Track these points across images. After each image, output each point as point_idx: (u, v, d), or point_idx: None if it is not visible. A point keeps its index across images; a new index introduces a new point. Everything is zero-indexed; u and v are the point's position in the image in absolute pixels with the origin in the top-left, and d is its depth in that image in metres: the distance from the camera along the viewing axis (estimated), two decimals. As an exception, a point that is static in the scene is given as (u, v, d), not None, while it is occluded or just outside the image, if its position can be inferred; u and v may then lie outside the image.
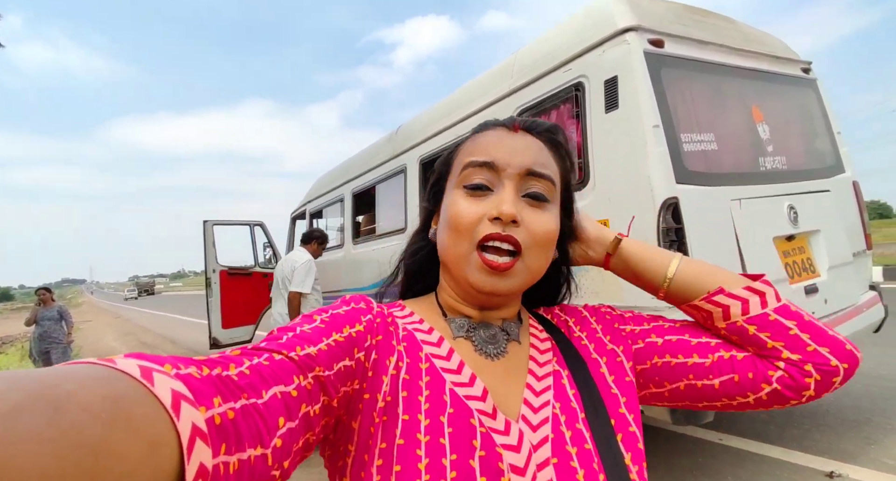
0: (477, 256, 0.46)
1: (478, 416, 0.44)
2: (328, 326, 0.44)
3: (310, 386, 0.38)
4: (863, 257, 2.73)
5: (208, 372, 0.32)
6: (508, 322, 0.54)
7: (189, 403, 0.27)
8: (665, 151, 1.90)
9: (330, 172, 5.04)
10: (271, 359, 0.37)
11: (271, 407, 0.33)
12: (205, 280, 5.17)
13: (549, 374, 0.51)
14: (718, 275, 0.53)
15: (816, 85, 2.87)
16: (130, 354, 0.29)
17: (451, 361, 0.48)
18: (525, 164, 0.48)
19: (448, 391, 0.45)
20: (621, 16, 2.05)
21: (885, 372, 3.41)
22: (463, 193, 0.49)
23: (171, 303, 28.97)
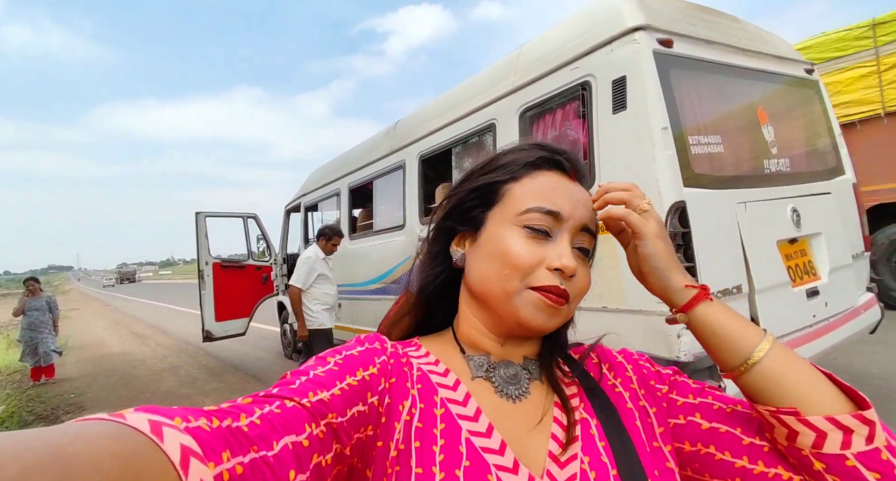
0: (531, 292, 0.46)
1: (495, 472, 0.41)
2: (341, 369, 0.43)
3: (322, 434, 0.37)
4: (861, 259, 2.75)
5: (218, 424, 0.32)
6: (529, 360, 0.51)
7: (198, 459, 0.28)
8: (673, 154, 1.88)
9: (326, 165, 4.97)
10: (283, 406, 0.36)
11: (282, 459, 0.33)
12: (197, 272, 5.10)
13: (576, 423, 0.47)
14: (805, 385, 0.42)
15: (819, 86, 2.86)
16: (141, 408, 0.29)
17: (467, 407, 0.45)
18: (583, 220, 0.49)
19: (464, 441, 0.43)
20: (630, 14, 2.01)
21: (876, 371, 3.46)
22: (522, 232, 0.48)
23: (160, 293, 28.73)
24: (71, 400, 5.05)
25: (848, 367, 3.57)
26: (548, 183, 0.49)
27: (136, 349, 8.14)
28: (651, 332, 1.92)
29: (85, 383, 5.77)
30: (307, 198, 5.15)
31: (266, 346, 6.93)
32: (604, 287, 2.07)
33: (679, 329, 1.85)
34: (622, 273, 2.00)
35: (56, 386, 5.76)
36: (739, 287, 2.00)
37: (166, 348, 7.89)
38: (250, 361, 6.10)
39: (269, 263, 5.54)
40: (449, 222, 0.54)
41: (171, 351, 7.58)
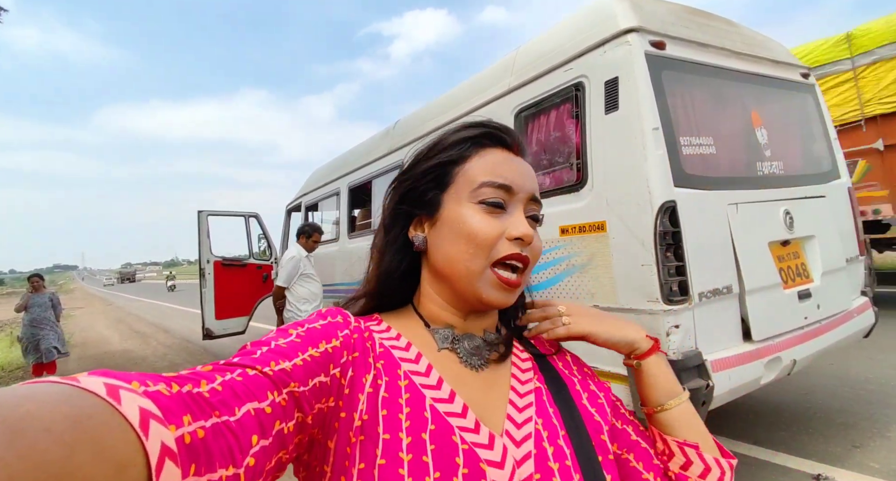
0: (492, 274, 0.49)
1: (459, 433, 0.44)
2: (304, 341, 0.43)
3: (284, 402, 0.37)
4: (856, 263, 2.76)
5: (178, 390, 0.31)
6: (489, 333, 0.55)
7: (158, 422, 0.27)
8: (664, 154, 1.90)
9: (326, 165, 5.01)
10: (244, 374, 0.36)
11: (244, 424, 0.33)
12: (199, 270, 5.14)
13: (530, 391, 0.52)
14: (702, 433, 0.56)
15: (815, 90, 2.88)
16: (95, 372, 0.28)
17: (430, 377, 0.48)
18: (531, 191, 0.53)
19: (428, 407, 0.45)
20: (623, 16, 2.04)
21: (871, 376, 3.46)
22: (479, 208, 0.50)
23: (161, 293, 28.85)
24: (71, 395, 5.09)
25: (843, 373, 3.56)
26: (495, 159, 0.52)
27: (137, 347, 8.19)
28: (641, 330, 1.93)
29: (85, 379, 5.80)
30: (308, 197, 5.20)
31: (266, 345, 6.96)
32: (595, 285, 2.09)
33: (669, 327, 1.86)
34: (613, 272, 2.02)
35: (57, 382, 5.80)
36: (730, 287, 2.02)
37: (167, 347, 7.94)
38: (249, 360, 6.13)
39: (270, 262, 5.59)
40: (404, 206, 0.55)
41: (172, 349, 7.63)
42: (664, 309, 1.84)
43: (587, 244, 2.10)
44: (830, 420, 2.81)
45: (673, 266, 1.87)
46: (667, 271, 1.86)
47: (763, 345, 2.05)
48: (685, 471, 0.54)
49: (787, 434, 2.67)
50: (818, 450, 2.44)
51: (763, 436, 2.65)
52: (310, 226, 3.68)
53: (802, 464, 2.32)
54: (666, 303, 1.84)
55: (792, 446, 2.51)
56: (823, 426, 2.74)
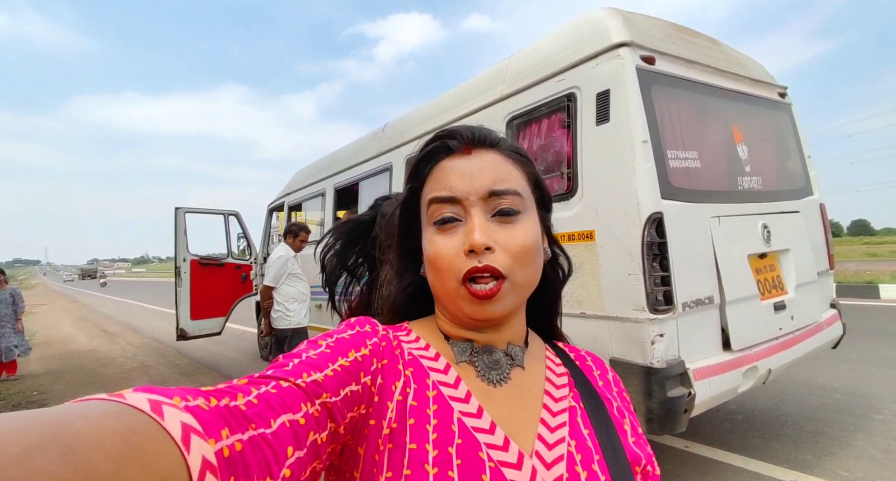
0: (464, 289, 0.46)
1: (486, 450, 0.43)
2: (334, 351, 0.43)
3: (317, 413, 0.37)
4: (826, 276, 2.87)
5: (216, 403, 0.32)
6: (513, 346, 0.52)
7: (199, 436, 0.28)
8: (652, 167, 1.95)
9: (311, 165, 4.95)
10: (279, 386, 0.37)
11: (280, 436, 0.33)
12: (174, 269, 5.00)
13: (564, 410, 0.49)
14: None
15: (791, 109, 3.00)
16: (139, 388, 0.30)
17: (458, 390, 0.47)
18: (485, 187, 0.47)
19: (456, 420, 0.44)
20: (616, 31, 2.09)
21: (838, 385, 3.60)
22: (434, 230, 0.48)
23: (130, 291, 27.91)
24: (33, 397, 4.86)
25: (811, 381, 3.70)
26: (443, 171, 0.49)
27: (104, 347, 7.88)
28: (627, 338, 1.97)
29: (49, 380, 5.56)
30: (291, 197, 5.12)
31: (242, 347, 6.80)
32: (582, 293, 2.12)
33: (654, 336, 1.90)
34: (601, 280, 2.05)
35: (18, 382, 5.53)
36: (711, 297, 2.07)
37: (137, 347, 7.66)
38: (225, 362, 5.98)
39: (249, 262, 5.47)
40: (401, 241, 0.56)
41: (142, 349, 7.37)
42: (650, 317, 1.88)
43: (576, 252, 2.13)
44: (800, 427, 2.91)
45: (659, 276, 1.91)
46: (653, 281, 1.90)
47: (741, 354, 2.12)
48: None
49: (760, 441, 2.75)
50: (790, 457, 2.52)
51: (738, 443, 2.73)
52: (297, 226, 3.63)
53: (774, 471, 2.39)
54: (651, 312, 1.88)
55: (765, 452, 2.59)
56: (794, 433, 2.83)
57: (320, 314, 4.39)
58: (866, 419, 2.96)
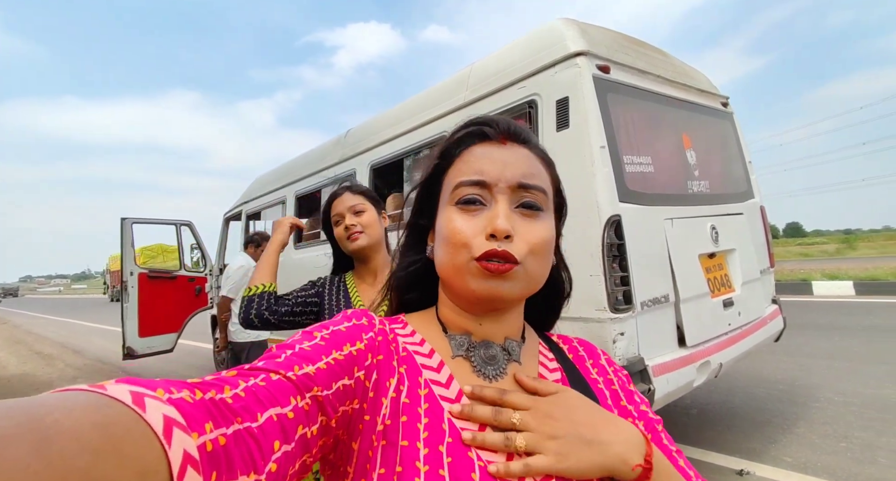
0: (475, 264, 0.46)
1: (475, 449, 0.43)
2: (328, 344, 0.43)
3: (307, 406, 0.37)
4: (767, 274, 3.07)
5: (201, 396, 0.31)
6: (511, 340, 0.52)
7: (181, 429, 0.27)
8: (610, 171, 2.02)
9: (271, 173, 4.81)
10: (268, 379, 0.36)
11: (266, 430, 0.33)
12: (120, 283, 4.70)
13: None
14: None
15: (733, 118, 3.21)
16: (122, 379, 0.29)
17: (449, 390, 0.47)
18: (516, 178, 0.48)
19: (446, 419, 0.44)
20: (573, 40, 2.17)
21: (781, 377, 3.84)
22: (456, 210, 0.49)
23: (62, 308, 25.94)
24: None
25: (757, 373, 3.93)
26: (474, 156, 0.50)
27: (39, 370, 7.26)
28: (590, 337, 2.01)
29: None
30: (249, 205, 4.95)
31: (197, 364, 6.45)
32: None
33: (615, 334, 1.96)
34: (563, 282, 2.10)
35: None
36: (667, 296, 2.17)
37: (77, 369, 7.11)
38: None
39: (204, 274, 5.22)
40: (414, 219, 0.56)
41: (84, 371, 6.84)
42: (611, 317, 1.94)
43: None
44: (750, 418, 3.08)
45: (618, 276, 1.98)
46: (613, 281, 1.96)
47: (695, 350, 2.22)
48: None
49: (714, 432, 2.89)
50: (741, 447, 2.66)
51: (694, 437, 2.85)
52: (259, 236, 3.50)
53: (728, 461, 2.51)
54: (612, 312, 1.94)
55: (719, 444, 2.72)
56: (744, 424, 2.99)
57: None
58: (806, 407, 3.17)
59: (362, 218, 1.30)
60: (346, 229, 1.29)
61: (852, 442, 2.60)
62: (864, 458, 2.41)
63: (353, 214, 1.30)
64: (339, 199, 1.33)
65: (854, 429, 2.75)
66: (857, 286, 8.40)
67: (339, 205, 1.32)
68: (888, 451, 2.45)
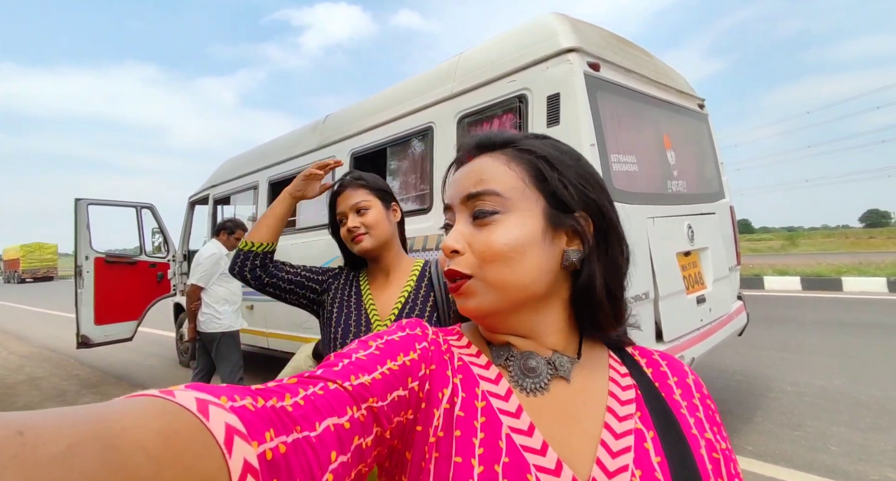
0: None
1: (535, 472, 0.39)
2: (383, 353, 0.43)
3: (363, 417, 0.37)
4: (734, 271, 3.21)
5: (263, 404, 0.32)
6: (559, 354, 0.47)
7: (242, 438, 0.28)
8: (598, 170, 2.04)
9: (241, 156, 4.61)
10: (326, 388, 0.37)
11: (324, 440, 0.33)
12: (74, 268, 4.41)
13: (629, 432, 0.43)
14: None
15: (708, 119, 3.31)
16: (191, 385, 0.29)
17: (509, 403, 0.43)
18: (464, 191, 0.47)
19: (504, 437, 0.41)
20: (565, 36, 2.15)
21: (739, 368, 4.06)
22: None
23: (8, 292, 24.30)
24: None
25: (717, 365, 4.14)
26: (448, 182, 0.53)
27: (-20, 358, 6.77)
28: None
29: None
30: (217, 190, 4.73)
31: (158, 353, 6.18)
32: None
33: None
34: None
35: None
36: (647, 293, 2.23)
37: (23, 357, 6.67)
38: (138, 370, 5.40)
39: (167, 260, 4.98)
40: None
41: (31, 360, 6.43)
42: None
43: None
44: (712, 408, 3.24)
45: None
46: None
47: (672, 345, 2.30)
48: None
49: (681, 422, 3.02)
50: (705, 435, 2.79)
51: (662, 426, 2.97)
52: (233, 222, 3.34)
53: (694, 449, 2.63)
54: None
55: (685, 433, 2.85)
56: (707, 413, 3.14)
57: (251, 315, 4.11)
58: (763, 397, 3.36)
59: (366, 217, 1.18)
60: (349, 231, 1.17)
61: (806, 431, 2.78)
62: (817, 447, 2.58)
63: (355, 214, 1.18)
64: (341, 197, 1.21)
65: (807, 419, 2.94)
66: (803, 281, 8.98)
67: (341, 203, 1.21)
68: (839, 440, 2.64)
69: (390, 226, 1.21)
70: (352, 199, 1.18)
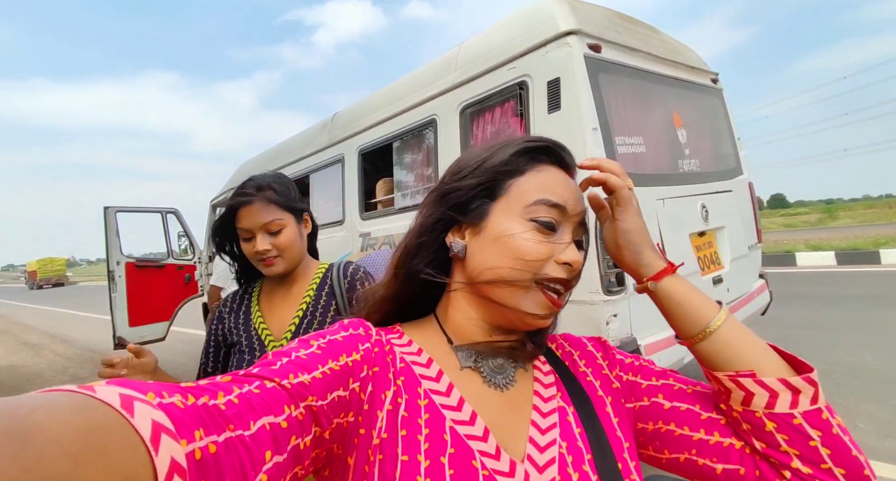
0: (540, 291, 0.47)
1: (479, 458, 0.42)
2: (324, 353, 0.42)
3: (301, 416, 0.36)
4: (755, 249, 3.13)
5: (193, 401, 0.30)
6: (514, 349, 0.52)
7: (170, 436, 0.27)
8: (602, 153, 2.01)
9: (256, 158, 4.72)
10: (262, 386, 0.36)
11: (258, 439, 0.32)
12: (107, 274, 4.63)
13: (554, 410, 0.49)
14: (758, 351, 0.47)
15: (722, 94, 3.19)
16: (113, 381, 0.28)
17: (450, 397, 0.46)
18: (582, 215, 0.51)
19: (448, 429, 0.44)
20: (563, 19, 2.11)
21: (766, 347, 3.97)
22: (533, 227, 0.48)
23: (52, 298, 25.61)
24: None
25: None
26: (552, 177, 0.51)
27: (28, 361, 7.20)
28: (584, 320, 2.05)
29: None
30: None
31: (189, 351, 6.45)
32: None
33: (608, 316, 1.99)
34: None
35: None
36: (659, 276, 2.20)
37: (67, 358, 7.06)
38: (171, 368, 5.63)
39: (193, 262, 5.16)
40: (450, 213, 0.53)
41: (74, 361, 6.81)
42: (604, 299, 1.97)
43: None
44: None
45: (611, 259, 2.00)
46: (606, 264, 1.98)
47: (686, 327, 2.27)
48: (748, 407, 0.45)
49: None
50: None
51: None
52: None
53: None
54: (606, 294, 1.97)
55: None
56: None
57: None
58: (790, 376, 3.29)
59: (279, 238, 1.01)
60: (257, 253, 1.02)
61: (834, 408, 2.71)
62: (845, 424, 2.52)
63: (266, 234, 1.01)
64: (246, 209, 1.01)
65: (835, 397, 2.86)
66: (838, 256, 8.62)
67: (247, 217, 1.01)
68: (868, 417, 2.57)
69: (303, 242, 1.08)
70: (261, 216, 1.01)
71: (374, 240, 3.00)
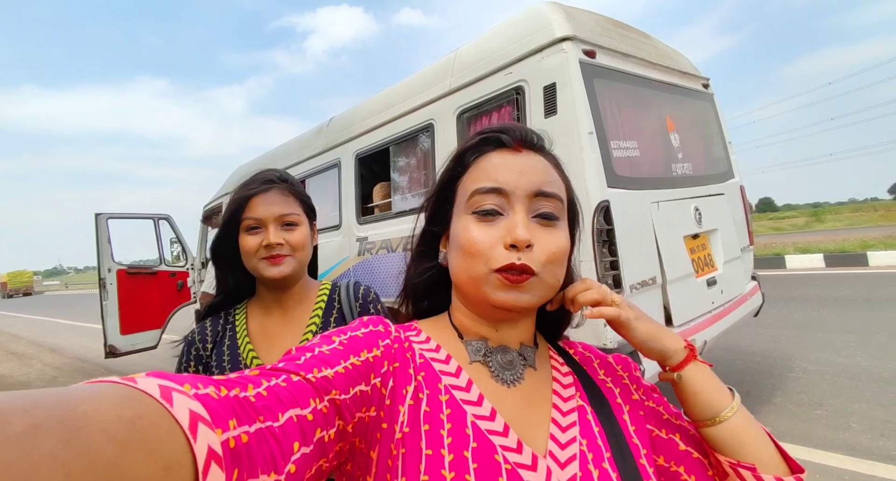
0: (495, 275, 0.46)
1: (501, 452, 0.43)
2: (346, 349, 0.43)
3: (325, 409, 0.37)
4: (747, 251, 3.17)
5: (226, 393, 0.32)
6: (525, 346, 0.53)
7: (206, 425, 0.28)
8: (598, 157, 2.04)
9: (251, 163, 4.70)
10: (289, 380, 0.37)
11: (287, 431, 0.33)
12: (98, 281, 4.57)
13: (573, 409, 0.50)
14: (760, 445, 0.50)
15: (713, 99, 3.25)
16: (152, 373, 0.29)
17: (470, 393, 0.47)
18: (534, 186, 0.48)
19: (470, 424, 0.44)
20: (559, 25, 2.15)
21: (758, 349, 4.01)
22: (473, 219, 0.48)
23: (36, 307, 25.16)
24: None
25: (736, 347, 4.09)
26: (490, 163, 0.50)
27: (16, 371, 7.06)
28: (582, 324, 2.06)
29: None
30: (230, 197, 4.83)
31: (181, 359, 6.37)
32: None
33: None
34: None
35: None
36: (654, 278, 2.22)
37: (56, 368, 6.94)
38: (163, 376, 5.57)
39: (185, 269, 5.12)
40: (427, 226, 0.56)
41: (63, 370, 6.68)
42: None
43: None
44: (731, 390, 3.21)
45: (608, 261, 2.02)
46: (603, 266, 2.00)
47: (681, 329, 2.29)
48: None
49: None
50: (724, 418, 2.78)
51: (679, 410, 2.96)
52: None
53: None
54: (603, 296, 1.98)
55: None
56: (726, 396, 3.12)
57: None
58: (783, 377, 3.32)
59: (294, 235, 0.90)
60: (266, 247, 0.88)
61: (827, 409, 2.75)
62: (838, 424, 2.55)
63: (280, 227, 0.89)
64: (262, 197, 0.89)
65: (828, 397, 2.90)
66: (826, 258, 8.76)
67: (261, 205, 0.88)
68: (860, 417, 2.60)
69: (310, 252, 0.97)
70: (278, 207, 0.90)
71: (372, 244, 3.00)
